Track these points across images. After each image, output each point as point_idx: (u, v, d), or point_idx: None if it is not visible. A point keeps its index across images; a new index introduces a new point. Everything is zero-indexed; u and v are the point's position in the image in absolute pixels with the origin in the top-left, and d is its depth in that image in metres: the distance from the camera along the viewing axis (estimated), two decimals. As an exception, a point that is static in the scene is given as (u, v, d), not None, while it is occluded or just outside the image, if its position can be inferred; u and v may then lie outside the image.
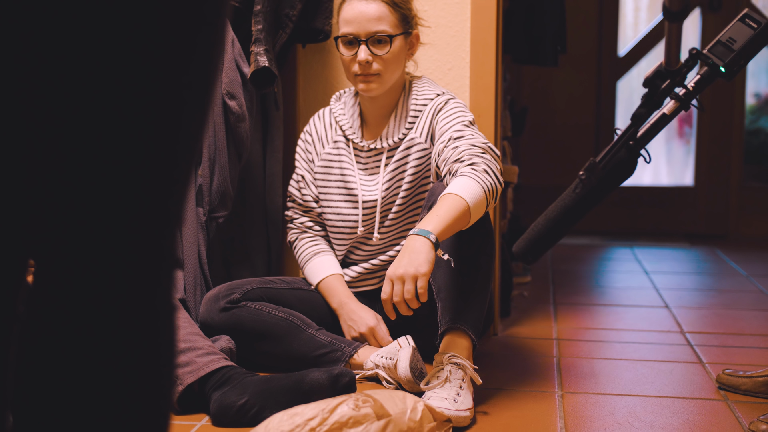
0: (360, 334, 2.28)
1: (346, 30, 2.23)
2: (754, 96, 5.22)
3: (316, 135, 2.41)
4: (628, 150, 1.80)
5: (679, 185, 5.10)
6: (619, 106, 5.07)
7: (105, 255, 0.84)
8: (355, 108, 2.37)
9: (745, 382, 2.10)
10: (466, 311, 2.04)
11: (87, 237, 0.83)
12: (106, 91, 0.80)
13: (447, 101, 2.26)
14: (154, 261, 0.87)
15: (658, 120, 1.80)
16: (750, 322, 2.96)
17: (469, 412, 1.88)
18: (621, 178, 1.82)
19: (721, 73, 1.77)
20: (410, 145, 2.26)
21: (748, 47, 1.76)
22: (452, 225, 1.93)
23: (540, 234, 1.86)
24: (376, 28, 2.21)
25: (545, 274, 3.76)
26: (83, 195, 0.82)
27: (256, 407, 1.83)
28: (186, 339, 1.97)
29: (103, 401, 0.85)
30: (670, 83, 1.78)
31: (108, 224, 0.83)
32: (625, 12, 5.09)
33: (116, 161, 0.82)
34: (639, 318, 2.97)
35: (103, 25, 0.79)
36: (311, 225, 2.43)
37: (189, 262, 2.30)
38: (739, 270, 3.91)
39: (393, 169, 2.28)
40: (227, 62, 2.37)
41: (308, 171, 2.41)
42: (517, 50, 3.56)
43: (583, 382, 2.21)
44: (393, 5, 2.23)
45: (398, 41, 2.24)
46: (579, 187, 1.81)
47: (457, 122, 2.18)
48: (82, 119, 0.80)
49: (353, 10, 2.22)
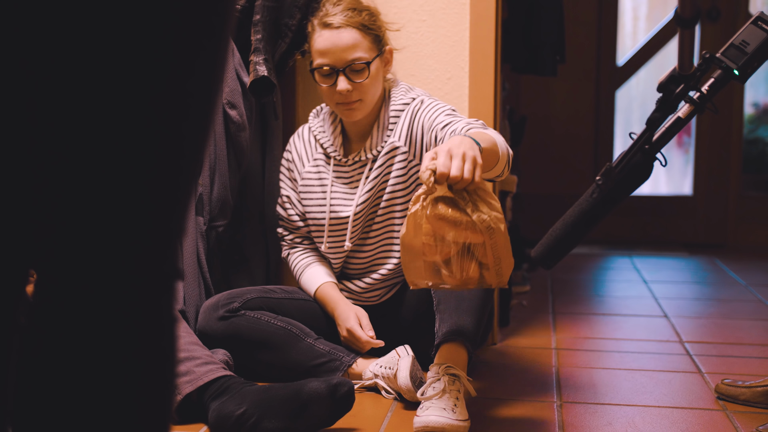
0: (343, 338, 2.28)
1: (322, 61, 2.21)
2: (752, 105, 5.23)
3: (296, 154, 2.40)
4: (644, 154, 1.81)
5: (678, 194, 5.10)
6: (618, 116, 5.07)
7: (108, 266, 0.84)
8: (337, 123, 2.35)
9: (743, 392, 2.10)
10: (464, 324, 2.04)
11: (90, 248, 0.83)
12: (112, 101, 0.80)
13: (422, 101, 2.26)
14: (158, 272, 0.87)
15: (673, 123, 1.81)
16: (749, 331, 2.96)
17: (467, 423, 1.88)
18: (638, 181, 1.83)
19: (735, 75, 1.78)
20: (392, 149, 2.26)
21: (761, 50, 1.77)
22: (488, 150, 1.83)
23: (558, 239, 1.86)
24: (352, 56, 2.19)
25: (544, 284, 3.76)
26: (86, 205, 0.82)
27: (254, 417, 1.83)
28: (184, 348, 1.97)
29: (106, 414, 0.85)
30: (684, 87, 1.79)
31: (112, 235, 0.83)
32: (623, 21, 5.10)
33: (120, 171, 0.82)
34: (638, 327, 2.97)
35: (110, 34, 0.79)
36: (300, 240, 2.44)
37: (189, 272, 2.30)
38: (738, 279, 3.91)
39: (375, 176, 2.27)
40: (228, 71, 2.38)
41: (293, 190, 2.41)
42: (516, 59, 3.57)
43: (582, 392, 2.20)
44: (364, 29, 2.21)
45: (375, 64, 2.23)
46: (596, 192, 1.82)
47: (440, 113, 2.19)
48: (87, 129, 0.80)
49: (326, 42, 2.20)
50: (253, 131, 2.51)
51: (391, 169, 2.27)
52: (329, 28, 2.20)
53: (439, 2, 2.61)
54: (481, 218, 1.73)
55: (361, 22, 2.21)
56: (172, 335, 0.90)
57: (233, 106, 2.38)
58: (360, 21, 2.21)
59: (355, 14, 2.21)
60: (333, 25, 2.19)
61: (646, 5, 5.12)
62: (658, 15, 5.07)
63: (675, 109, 1.81)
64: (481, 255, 1.78)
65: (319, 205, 2.35)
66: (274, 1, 2.42)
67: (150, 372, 0.88)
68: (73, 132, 0.81)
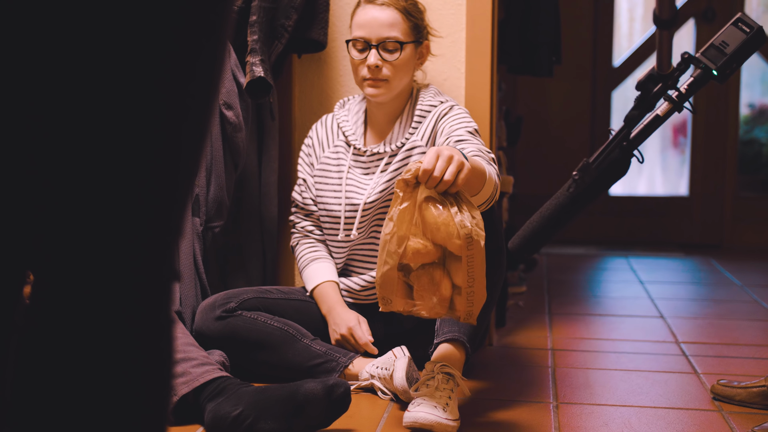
0: (341, 336, 2.28)
1: (358, 34, 2.26)
2: (748, 106, 5.24)
3: (317, 139, 2.43)
4: (621, 150, 1.82)
5: (674, 195, 5.11)
6: (614, 116, 5.08)
7: (105, 267, 0.84)
8: (360, 114, 2.38)
9: (739, 392, 2.10)
10: (465, 325, 2.04)
11: (88, 249, 0.83)
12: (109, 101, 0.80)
13: (451, 107, 2.28)
14: (155, 273, 0.87)
15: (651, 121, 1.82)
16: (745, 332, 2.96)
17: (456, 423, 1.89)
18: (614, 177, 1.84)
19: (714, 75, 1.78)
20: (412, 147, 2.27)
21: (740, 51, 1.77)
22: (476, 170, 1.88)
23: (534, 231, 1.87)
24: (387, 33, 2.24)
25: (540, 284, 3.77)
26: (83, 206, 0.82)
27: (250, 418, 1.83)
28: (181, 349, 1.97)
29: (103, 415, 0.85)
30: (662, 87, 1.80)
31: (109, 236, 0.83)
32: (620, 23, 5.10)
33: (118, 171, 0.82)
34: (634, 328, 2.97)
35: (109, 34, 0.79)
36: (312, 229, 2.44)
37: (185, 273, 2.29)
38: (733, 280, 3.91)
39: (394, 169, 2.28)
40: (224, 72, 2.37)
41: (309, 174, 2.42)
42: (513, 60, 3.58)
43: (578, 393, 2.21)
44: (406, 13, 2.26)
45: (408, 49, 2.26)
46: (573, 187, 1.83)
47: (462, 128, 2.20)
48: (85, 130, 0.80)
49: (367, 15, 2.26)
50: (249, 132, 2.52)
51: (409, 162, 2.28)
52: (373, 4, 2.27)
53: (436, 3, 2.61)
54: (463, 224, 1.75)
55: (405, 7, 2.27)
56: (169, 336, 0.90)
57: (230, 107, 2.38)
58: (404, 6, 2.27)
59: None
60: (377, 2, 2.26)
61: (642, 6, 5.12)
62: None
63: (653, 108, 1.82)
64: (455, 271, 1.80)
65: (335, 191, 2.36)
66: (271, 2, 2.42)
67: (147, 373, 0.88)
68: (71, 133, 0.80)
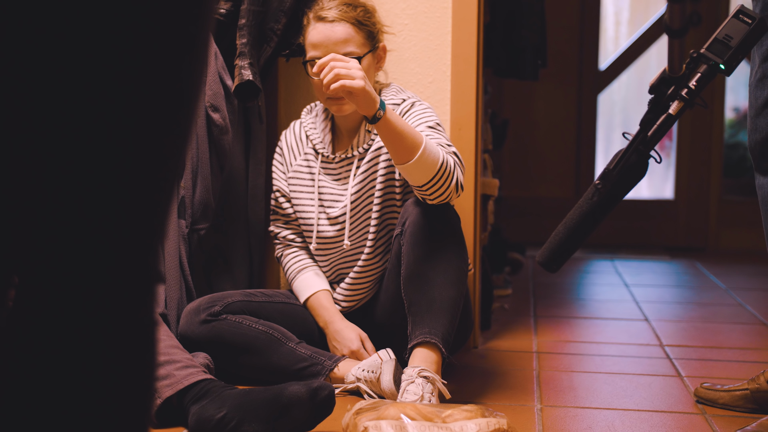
0: (351, 352, 2.28)
1: (313, 54, 2.22)
2: (733, 110, 5.27)
3: (287, 148, 2.41)
4: (639, 154, 1.84)
5: (659, 198, 5.13)
6: (600, 119, 5.10)
7: (87, 269, 0.83)
8: (327, 122, 2.36)
9: (722, 396, 2.11)
10: (436, 326, 2.05)
11: (70, 251, 0.83)
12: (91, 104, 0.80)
13: (413, 104, 2.26)
14: (138, 275, 0.87)
15: (664, 120, 1.83)
16: (728, 335, 2.98)
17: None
18: (634, 180, 1.86)
19: (721, 69, 1.80)
20: (379, 146, 2.27)
21: (744, 42, 1.80)
22: (402, 132, 2.00)
23: (561, 242, 1.89)
24: (343, 50, 2.19)
25: (526, 287, 3.77)
26: (65, 208, 0.82)
27: (234, 420, 1.83)
28: (165, 352, 1.96)
29: (85, 417, 0.85)
30: (675, 89, 1.82)
31: (90, 237, 0.83)
32: (606, 26, 5.12)
33: (99, 174, 0.82)
34: (619, 331, 2.98)
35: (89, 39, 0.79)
36: (293, 238, 2.43)
37: (170, 275, 2.29)
38: (718, 283, 3.93)
39: (363, 171, 2.27)
40: (210, 75, 2.37)
41: (285, 182, 2.41)
42: (498, 63, 3.58)
43: (563, 396, 2.21)
44: (358, 24, 2.22)
45: (366, 59, 2.23)
46: (596, 195, 1.85)
47: (423, 123, 2.19)
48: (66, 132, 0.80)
49: (319, 35, 2.21)
50: (236, 135, 2.51)
51: (377, 168, 2.27)
52: (323, 22, 2.21)
53: (422, 6, 2.62)
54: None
55: (355, 17, 2.22)
56: (152, 338, 0.90)
57: (216, 110, 2.38)
58: (354, 16, 2.22)
59: (350, 9, 2.22)
60: (327, 19, 2.20)
61: (628, 10, 5.14)
62: (640, 20, 5.10)
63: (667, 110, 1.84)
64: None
65: (309, 199, 2.35)
66: (260, 5, 2.42)
67: (129, 375, 0.87)
68: (52, 135, 0.80)
